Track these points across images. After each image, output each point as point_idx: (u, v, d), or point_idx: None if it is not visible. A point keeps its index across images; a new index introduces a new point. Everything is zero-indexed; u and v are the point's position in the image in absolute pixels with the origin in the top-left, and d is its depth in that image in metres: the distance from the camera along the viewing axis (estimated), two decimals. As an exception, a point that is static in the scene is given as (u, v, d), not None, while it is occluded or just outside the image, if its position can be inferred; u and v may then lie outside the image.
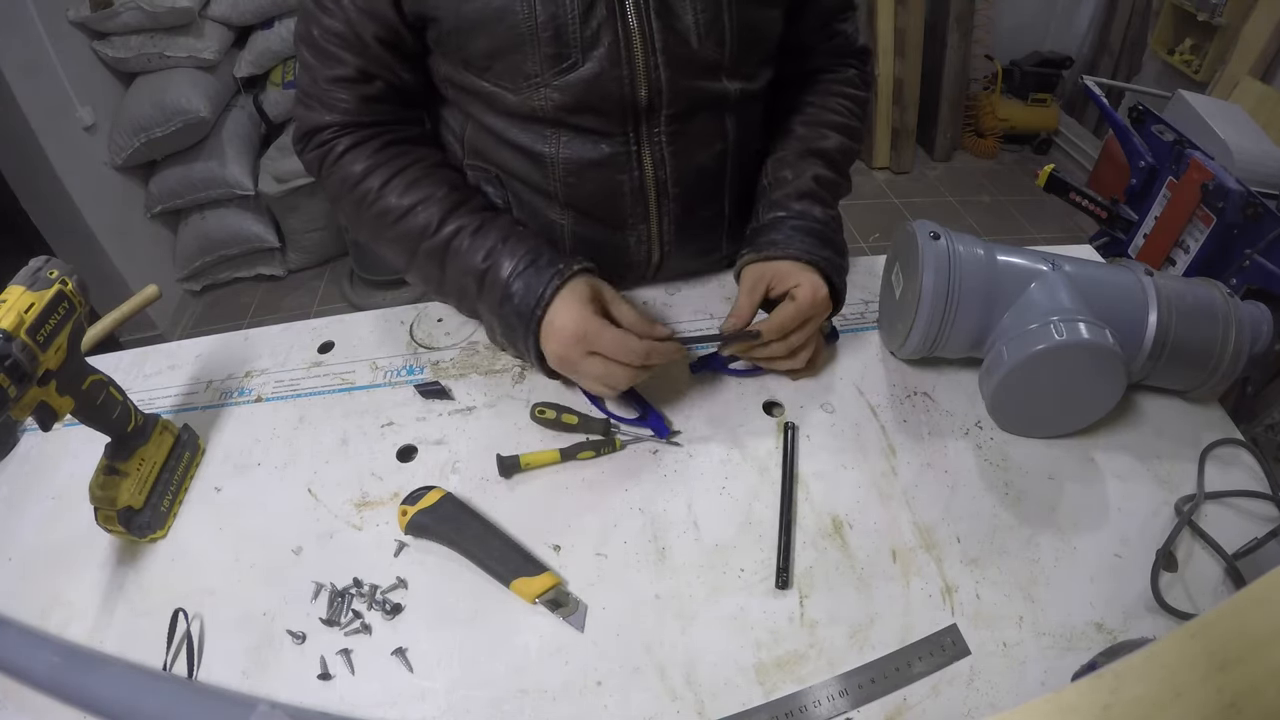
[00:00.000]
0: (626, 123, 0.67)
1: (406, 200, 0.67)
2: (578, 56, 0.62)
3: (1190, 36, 2.47)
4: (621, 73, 0.63)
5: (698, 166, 0.72)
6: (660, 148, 0.69)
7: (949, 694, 0.51)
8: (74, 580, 0.60)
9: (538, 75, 0.63)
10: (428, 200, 0.67)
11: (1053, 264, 0.66)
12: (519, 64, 0.63)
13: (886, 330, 0.76)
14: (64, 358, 0.55)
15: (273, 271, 2.52)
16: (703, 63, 0.66)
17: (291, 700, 0.51)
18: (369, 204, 0.68)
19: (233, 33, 2.34)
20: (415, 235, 0.67)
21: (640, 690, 0.52)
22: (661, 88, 0.65)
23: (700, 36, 0.64)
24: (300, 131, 0.71)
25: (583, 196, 0.71)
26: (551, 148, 0.68)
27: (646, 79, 0.64)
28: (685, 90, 0.66)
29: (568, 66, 0.63)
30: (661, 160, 0.70)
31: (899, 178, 3.06)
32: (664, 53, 0.64)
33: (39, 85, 1.92)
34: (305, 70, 0.69)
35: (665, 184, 0.71)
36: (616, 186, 0.70)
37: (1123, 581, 0.57)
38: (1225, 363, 0.65)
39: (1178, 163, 1.58)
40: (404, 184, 0.68)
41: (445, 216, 0.66)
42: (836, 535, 0.60)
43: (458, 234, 0.66)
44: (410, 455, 0.68)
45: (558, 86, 0.63)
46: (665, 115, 0.67)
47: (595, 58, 0.62)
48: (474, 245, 0.65)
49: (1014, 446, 0.67)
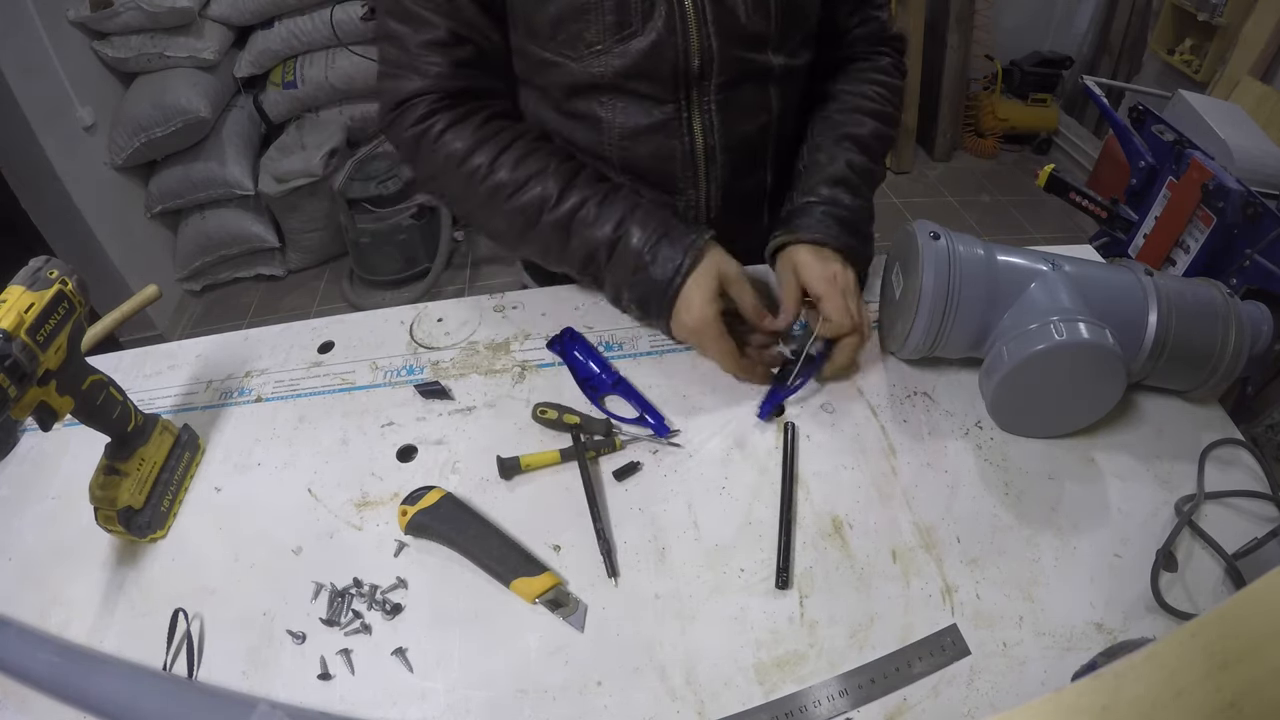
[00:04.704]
0: (679, 90, 0.71)
1: (520, 174, 0.70)
2: (638, 25, 0.67)
3: (1190, 36, 2.47)
4: (677, 40, 0.68)
5: (743, 135, 0.76)
6: (710, 115, 0.73)
7: (949, 694, 0.51)
8: (74, 580, 0.60)
9: (600, 43, 0.68)
10: (542, 173, 0.70)
11: (1053, 264, 0.66)
12: (581, 32, 0.67)
13: (886, 330, 0.76)
14: (64, 358, 0.55)
15: (273, 271, 2.52)
16: (750, 35, 0.70)
17: (291, 700, 0.52)
18: (479, 180, 0.70)
19: (233, 33, 2.35)
20: (535, 207, 0.69)
21: (640, 690, 0.52)
22: (713, 56, 0.69)
23: (748, 10, 0.68)
24: (390, 104, 0.72)
25: (637, 161, 0.75)
26: (608, 113, 0.72)
27: (700, 47, 0.68)
28: (734, 60, 0.70)
29: (628, 35, 0.67)
30: (710, 127, 0.74)
31: (899, 178, 3.06)
32: (715, 23, 0.68)
33: (39, 85, 1.92)
34: (392, 41, 0.70)
35: (714, 150, 0.75)
36: (669, 151, 0.74)
37: (1123, 581, 0.57)
38: (1225, 363, 0.65)
39: (1178, 163, 1.58)
40: (514, 159, 0.70)
41: (565, 188, 0.69)
42: (836, 535, 0.60)
43: (583, 204, 0.69)
44: (410, 455, 0.68)
45: (618, 54, 0.68)
46: (715, 84, 0.71)
47: (653, 27, 0.67)
48: (602, 215, 0.69)
49: (1014, 446, 0.67)
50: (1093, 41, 3.07)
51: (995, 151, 3.17)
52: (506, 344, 0.78)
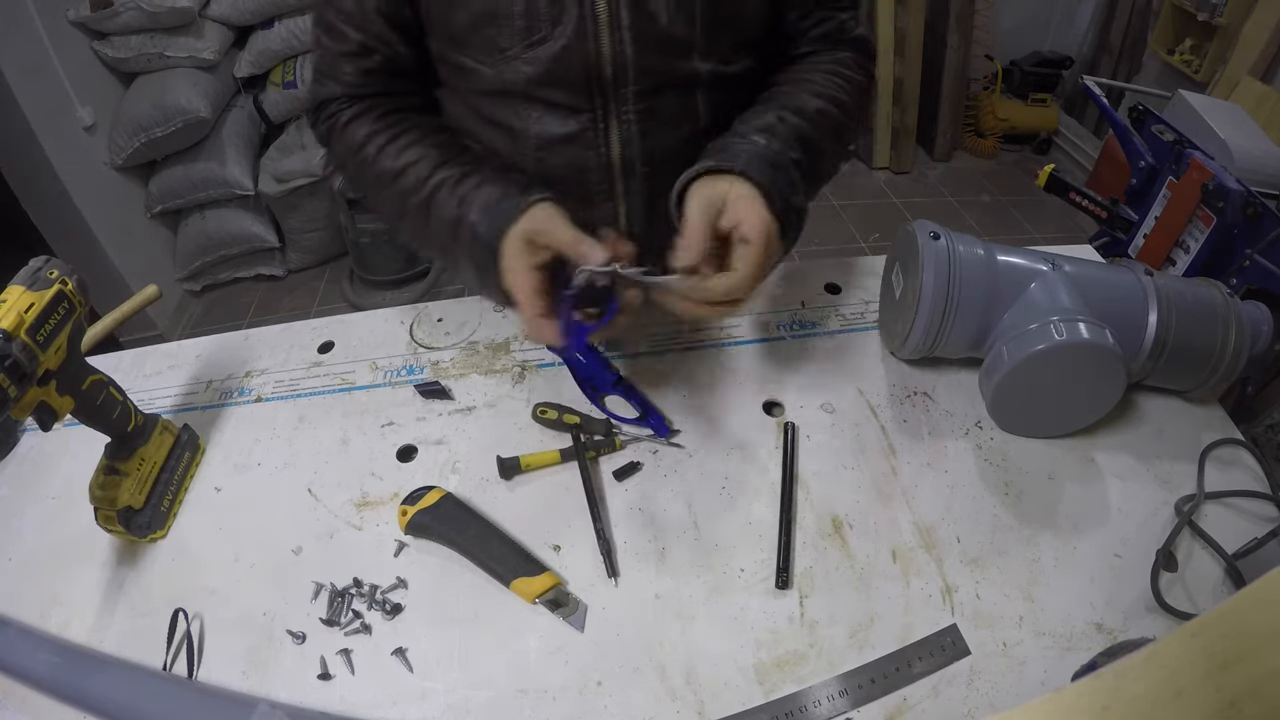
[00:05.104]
0: (593, 98, 0.67)
1: (400, 162, 0.69)
2: (547, 30, 0.64)
3: (1190, 36, 2.47)
4: (588, 46, 0.64)
5: (666, 146, 0.71)
6: (629, 125, 0.69)
7: (949, 694, 0.51)
8: (74, 580, 0.60)
9: (510, 49, 0.65)
10: (419, 160, 0.68)
11: (1053, 264, 0.66)
12: (493, 37, 0.65)
13: (886, 330, 0.76)
14: (64, 358, 0.55)
15: (273, 271, 2.52)
16: (672, 40, 0.65)
17: (291, 700, 0.52)
18: (368, 167, 0.70)
19: (233, 33, 2.34)
20: (407, 193, 0.68)
21: (640, 690, 0.52)
22: (627, 63, 0.65)
23: (669, 13, 0.64)
24: (312, 105, 0.74)
25: (553, 171, 0.72)
26: (523, 122, 0.70)
27: (613, 54, 0.65)
28: (652, 67, 0.66)
29: (537, 40, 0.64)
30: (629, 138, 0.70)
31: (899, 178, 3.06)
32: (631, 28, 0.64)
33: (39, 85, 1.92)
34: (318, 48, 0.72)
35: (633, 163, 0.71)
36: (584, 162, 0.71)
37: (1123, 581, 0.57)
38: (1225, 363, 0.65)
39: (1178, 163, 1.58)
40: (399, 147, 0.69)
41: (431, 172, 0.67)
42: (836, 535, 0.60)
43: (440, 186, 0.67)
44: (410, 455, 0.68)
45: (528, 60, 0.65)
46: (632, 92, 0.67)
47: (563, 32, 0.63)
48: (452, 195, 0.66)
49: (1014, 446, 0.67)
50: (1093, 41, 3.07)
51: (995, 151, 3.17)
52: (506, 344, 0.78)
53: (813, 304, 0.82)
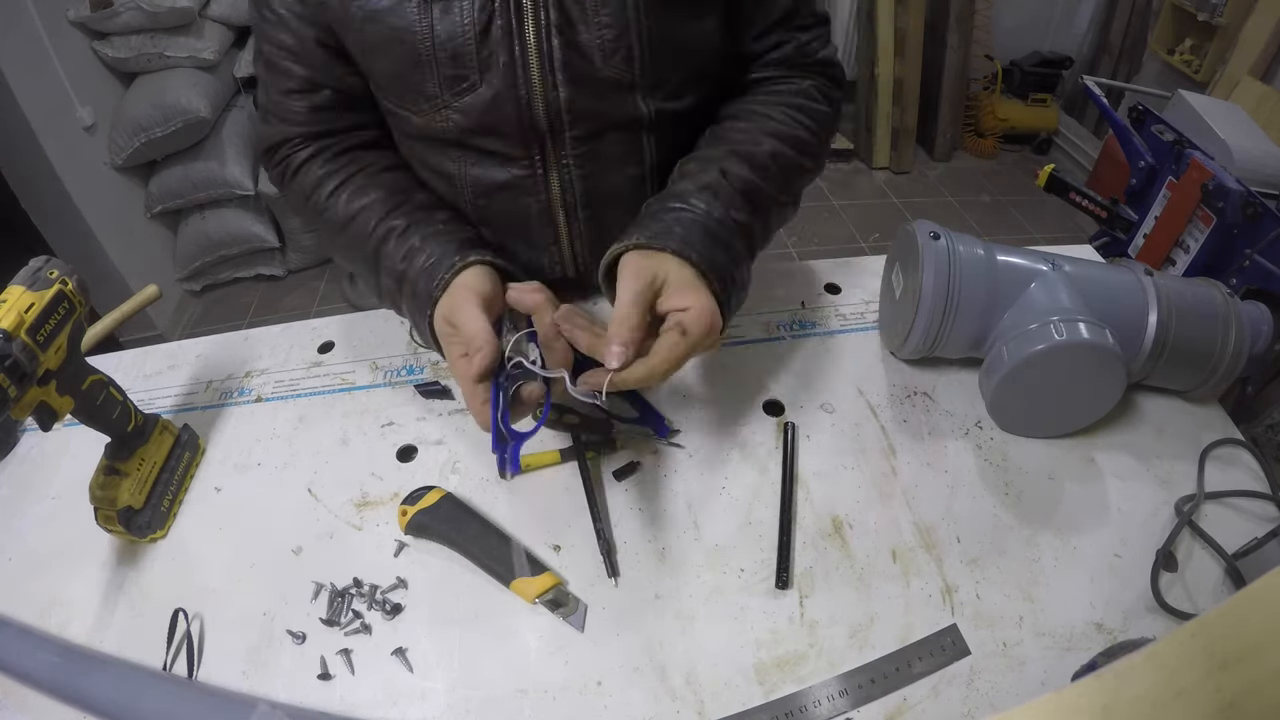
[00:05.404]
0: (531, 145, 0.64)
1: (351, 208, 0.66)
2: (475, 77, 0.60)
3: (1190, 36, 2.47)
4: (519, 93, 0.61)
5: (610, 189, 0.68)
6: (569, 170, 0.66)
7: (949, 694, 0.51)
8: (74, 580, 0.60)
9: (438, 97, 0.62)
10: (368, 207, 0.65)
11: (1053, 264, 0.66)
12: (420, 85, 0.61)
13: (886, 330, 0.76)
14: (64, 358, 0.55)
15: (273, 271, 2.52)
16: (609, 82, 0.62)
17: (291, 700, 0.52)
18: (321, 213, 0.68)
19: (233, 33, 2.34)
20: (358, 242, 0.66)
21: (640, 690, 0.52)
22: (560, 108, 0.62)
23: (604, 55, 0.60)
24: (263, 147, 0.71)
25: (493, 217, 0.69)
26: (459, 169, 0.67)
27: (545, 100, 0.61)
28: (590, 111, 0.63)
29: (466, 88, 0.61)
30: (570, 183, 0.67)
31: (899, 178, 3.07)
32: (565, 71, 0.60)
33: (39, 85, 1.92)
34: (262, 88, 0.69)
35: (574, 207, 0.68)
36: (524, 209, 0.68)
37: (1123, 581, 0.57)
38: (1225, 363, 0.65)
39: (1178, 163, 1.58)
40: (349, 192, 0.66)
41: (379, 221, 0.65)
42: (836, 535, 0.60)
43: (387, 237, 0.64)
44: (410, 455, 0.68)
45: (458, 108, 0.62)
46: (570, 137, 0.64)
47: (491, 79, 0.60)
48: (398, 247, 0.63)
49: (1014, 446, 0.67)
50: (1093, 41, 3.07)
51: (995, 151, 3.17)
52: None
53: (813, 304, 0.82)
